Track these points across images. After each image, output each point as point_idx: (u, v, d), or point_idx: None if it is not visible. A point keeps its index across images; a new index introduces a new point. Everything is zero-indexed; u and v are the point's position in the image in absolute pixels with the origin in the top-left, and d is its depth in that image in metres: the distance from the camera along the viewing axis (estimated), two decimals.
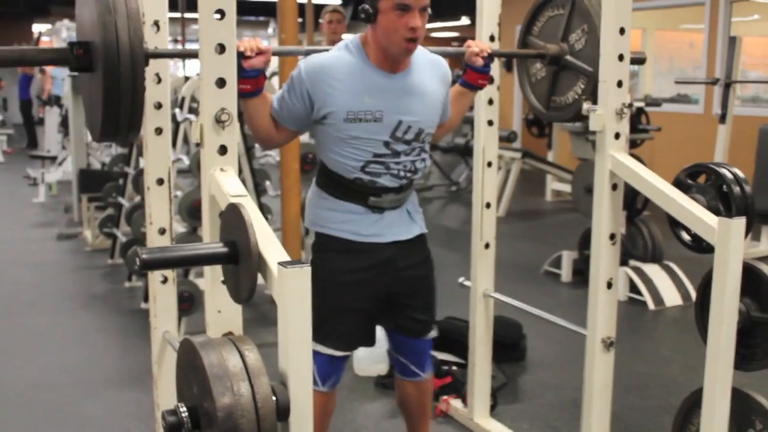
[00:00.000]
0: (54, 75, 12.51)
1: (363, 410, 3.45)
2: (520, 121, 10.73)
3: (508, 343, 3.93)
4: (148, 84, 2.41)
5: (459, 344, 3.59)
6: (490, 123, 3.07)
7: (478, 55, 2.57)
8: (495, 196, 3.14)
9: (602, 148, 2.49)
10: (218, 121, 1.88)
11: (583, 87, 2.76)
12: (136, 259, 1.56)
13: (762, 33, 9.85)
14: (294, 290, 1.43)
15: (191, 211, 4.39)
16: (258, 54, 2.16)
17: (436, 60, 2.53)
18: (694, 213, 2.23)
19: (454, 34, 23.54)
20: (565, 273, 5.58)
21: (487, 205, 3.10)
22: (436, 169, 10.03)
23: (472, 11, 3.02)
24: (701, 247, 2.46)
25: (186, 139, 5.52)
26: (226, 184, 1.83)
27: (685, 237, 2.54)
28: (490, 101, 3.04)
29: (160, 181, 2.45)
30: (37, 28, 19.24)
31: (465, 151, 8.88)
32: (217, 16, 1.84)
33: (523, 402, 3.57)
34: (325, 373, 2.46)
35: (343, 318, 2.45)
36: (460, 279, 3.27)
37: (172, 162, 3.22)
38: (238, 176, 1.91)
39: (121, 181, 5.91)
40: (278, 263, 1.44)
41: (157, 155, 2.44)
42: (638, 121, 7.18)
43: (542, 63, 2.89)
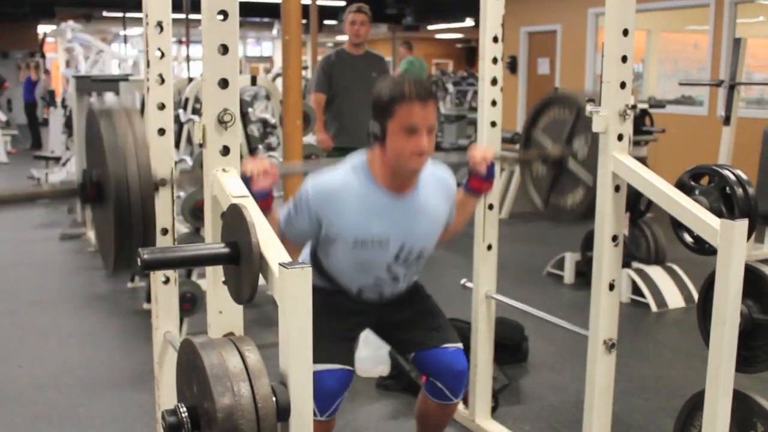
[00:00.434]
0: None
1: (364, 411, 3.45)
2: (524, 123, 10.72)
3: (510, 344, 3.93)
4: (151, 85, 2.42)
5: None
6: (494, 124, 3.07)
7: (482, 163, 2.62)
8: (498, 198, 3.14)
9: (605, 149, 2.48)
10: (221, 121, 1.88)
11: (582, 195, 2.82)
12: (138, 260, 1.56)
13: (767, 35, 9.83)
14: (295, 291, 1.43)
15: (194, 211, 4.39)
16: (264, 175, 2.20)
17: (442, 177, 2.58)
18: (696, 215, 2.22)
19: (458, 35, 23.55)
20: (568, 275, 5.57)
21: (490, 207, 3.11)
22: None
23: (476, 12, 3.02)
24: (704, 249, 2.46)
25: (189, 140, 5.53)
26: (228, 184, 1.83)
27: (688, 239, 2.54)
28: (494, 102, 3.03)
29: (163, 182, 2.45)
30: (43, 29, 19.32)
31: None
32: (220, 17, 1.84)
33: (524, 404, 3.57)
34: (323, 398, 2.41)
35: (330, 341, 2.46)
36: (462, 280, 3.27)
37: (175, 162, 3.23)
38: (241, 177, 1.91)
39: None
40: (279, 264, 1.44)
41: (159, 156, 2.44)
42: (642, 122, 7.17)
43: (544, 164, 2.93)
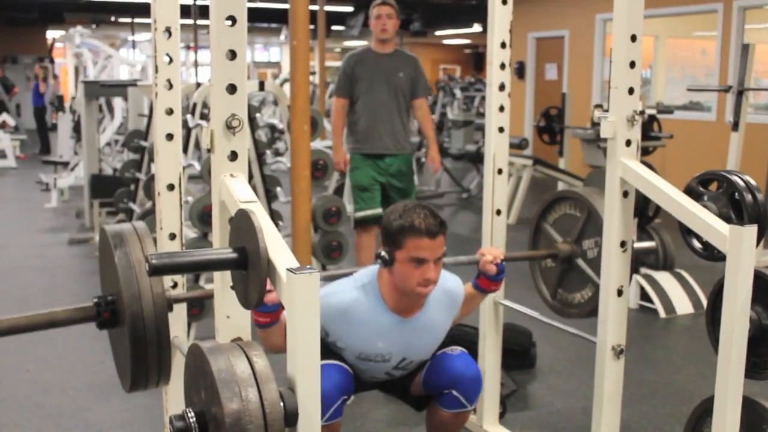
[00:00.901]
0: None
1: (371, 417, 3.44)
2: (532, 128, 10.73)
3: (518, 350, 3.92)
4: (160, 90, 2.43)
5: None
6: (501, 130, 3.06)
7: (491, 263, 2.66)
8: (506, 203, 3.14)
9: (613, 155, 2.48)
10: (229, 126, 1.88)
11: (590, 295, 2.86)
12: (146, 264, 1.56)
13: None
14: (303, 296, 1.43)
15: (202, 216, 4.40)
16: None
17: (450, 293, 2.61)
18: (705, 221, 2.21)
19: (466, 41, 23.57)
20: None
21: (498, 212, 3.10)
22: (447, 176, 10.02)
23: (484, 18, 3.02)
24: (713, 255, 2.45)
25: (197, 145, 5.54)
26: (236, 189, 1.83)
27: (697, 245, 2.53)
28: (501, 108, 3.03)
29: (171, 187, 2.46)
30: (51, 34, 19.41)
31: (476, 158, 8.88)
32: (229, 22, 1.84)
33: (532, 409, 3.56)
34: (322, 396, 2.40)
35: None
36: None
37: (183, 168, 3.24)
38: (249, 182, 1.91)
39: (132, 187, 5.93)
40: (287, 269, 1.44)
41: (168, 161, 2.45)
42: (650, 128, 7.16)
43: (554, 261, 2.96)
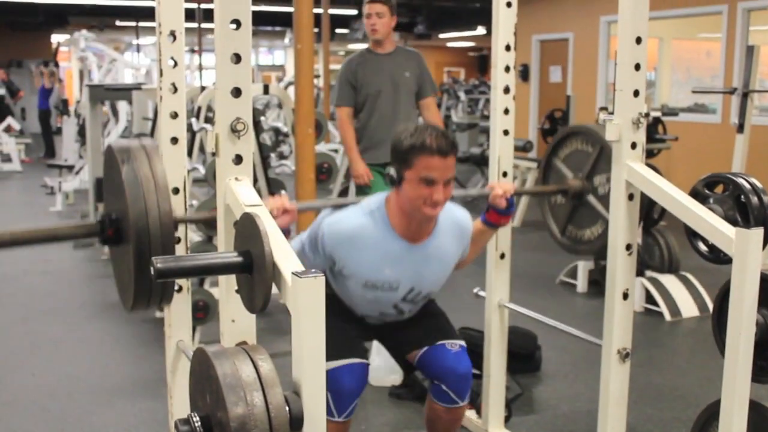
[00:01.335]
0: None
1: (376, 420, 3.44)
2: (536, 131, 10.72)
3: (523, 353, 3.91)
4: (164, 94, 2.43)
5: (474, 354, 3.56)
6: (506, 132, 3.06)
7: (502, 197, 2.65)
8: None
9: (619, 157, 2.47)
10: (233, 130, 1.88)
11: (600, 231, 2.84)
12: (151, 268, 1.56)
13: None
14: (308, 300, 1.42)
15: (206, 220, 4.40)
16: (284, 213, 2.21)
17: (459, 221, 2.59)
18: (711, 223, 2.21)
19: (470, 43, 23.57)
20: (581, 283, 5.55)
21: None
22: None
23: (488, 21, 3.02)
24: (719, 257, 2.44)
25: (202, 149, 5.54)
26: (241, 193, 1.83)
27: (703, 248, 2.53)
28: (506, 111, 3.03)
29: (176, 190, 2.45)
30: (56, 38, 19.46)
31: (480, 161, 8.87)
32: (233, 26, 1.84)
33: (537, 413, 3.55)
34: (340, 396, 2.42)
35: (341, 338, 2.50)
36: (475, 289, 3.26)
37: (188, 171, 3.24)
38: (254, 185, 1.91)
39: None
40: (292, 273, 1.44)
41: (172, 164, 2.44)
42: (655, 130, 7.15)
43: (564, 197, 2.93)
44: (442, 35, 20.39)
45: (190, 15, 2.75)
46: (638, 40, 2.41)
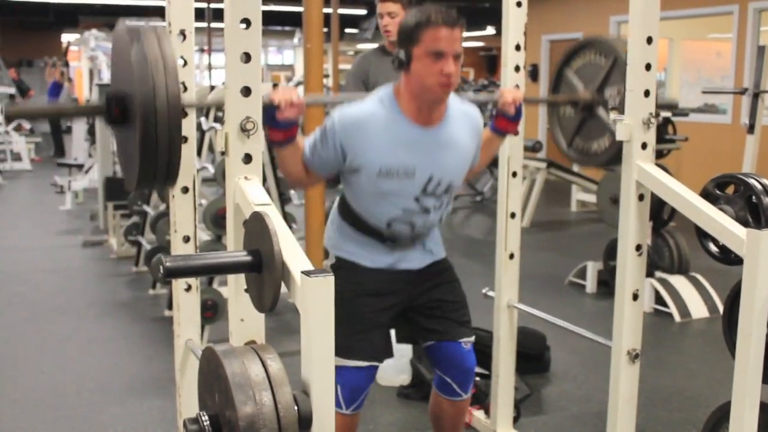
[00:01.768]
0: None
1: (384, 420, 3.43)
2: (546, 131, 10.69)
3: (532, 354, 3.91)
4: None
5: (482, 355, 3.56)
6: (516, 133, 3.05)
7: (511, 104, 2.60)
8: (520, 206, 3.12)
9: (629, 158, 2.46)
10: (243, 129, 1.88)
11: (607, 144, 2.81)
12: (161, 267, 1.56)
13: None
14: (317, 299, 1.42)
15: (216, 219, 4.41)
16: (291, 106, 2.17)
17: (470, 112, 2.54)
18: (722, 224, 2.20)
19: (479, 43, 23.54)
20: (590, 284, 5.54)
21: (512, 215, 3.09)
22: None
23: (497, 21, 3.01)
24: (729, 258, 2.43)
25: (211, 148, 5.55)
26: (250, 192, 1.83)
27: (713, 248, 2.51)
28: None
29: (185, 190, 2.45)
30: (66, 38, 19.52)
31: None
32: (243, 25, 1.84)
33: (546, 414, 3.54)
34: (350, 392, 2.42)
35: (364, 331, 2.46)
36: (484, 289, 3.25)
37: (197, 170, 3.24)
38: (263, 185, 1.91)
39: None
40: (302, 272, 1.44)
41: (182, 164, 2.44)
42: (665, 131, 7.12)
43: (573, 108, 2.90)
44: None
45: (199, 14, 2.75)
46: (649, 39, 2.40)
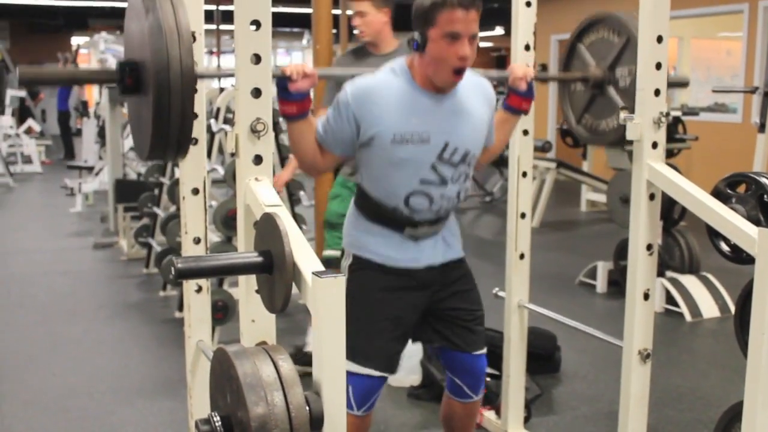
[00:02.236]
0: None
1: (395, 421, 3.43)
2: (555, 131, 10.68)
3: (543, 354, 3.90)
4: None
5: (493, 355, 3.55)
6: (525, 133, 3.05)
7: (522, 79, 2.57)
8: (530, 207, 3.12)
9: (639, 157, 2.46)
10: (253, 130, 1.88)
11: (616, 125, 2.77)
12: (171, 269, 1.56)
13: None
14: (328, 300, 1.42)
15: (226, 220, 4.42)
16: (304, 77, 2.15)
17: (481, 82, 2.52)
18: (733, 223, 2.19)
19: (489, 44, 23.50)
20: (601, 284, 5.53)
21: (522, 216, 3.08)
22: (471, 180, 9.98)
23: (507, 21, 3.01)
24: (741, 257, 2.42)
25: (221, 150, 5.57)
26: (261, 193, 1.83)
27: (724, 247, 2.50)
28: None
29: (196, 191, 2.46)
30: (76, 40, 19.58)
31: (500, 161, 8.82)
32: (253, 27, 1.85)
33: (557, 414, 3.54)
34: (361, 395, 2.41)
35: (380, 336, 2.44)
36: (495, 289, 3.25)
37: (207, 172, 3.25)
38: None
39: (156, 191, 5.97)
40: (313, 273, 1.44)
41: (192, 165, 2.45)
42: (675, 130, 7.11)
43: (584, 85, 2.88)
44: None
45: (209, 16, 2.75)
46: (659, 38, 2.40)
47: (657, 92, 2.42)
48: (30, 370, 4.09)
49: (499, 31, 17.07)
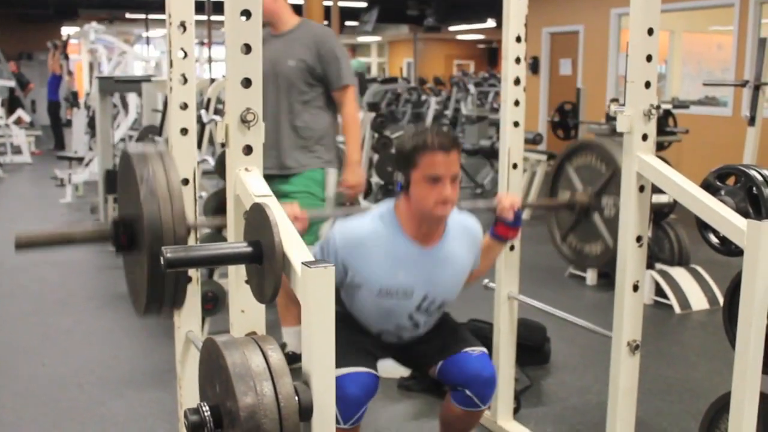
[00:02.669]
0: None
1: (385, 412, 3.44)
2: (546, 123, 10.69)
3: (533, 345, 3.91)
4: (174, 85, 2.43)
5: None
6: (516, 124, 3.05)
7: (509, 210, 2.63)
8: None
9: (629, 149, 2.46)
10: (244, 120, 1.88)
11: (599, 252, 2.84)
12: (161, 258, 1.56)
13: None
14: (318, 290, 1.42)
15: (216, 211, 4.41)
16: (294, 220, 2.18)
17: (469, 227, 2.60)
18: (722, 215, 2.20)
19: (480, 36, 23.51)
20: (590, 276, 5.54)
21: None
22: (461, 172, 9.99)
23: (497, 13, 3.01)
24: (730, 250, 2.43)
25: (211, 140, 5.55)
26: (251, 183, 1.83)
27: (714, 240, 2.52)
28: (516, 102, 3.02)
29: (186, 182, 2.45)
30: (66, 30, 19.51)
31: (490, 153, 8.86)
32: (243, 17, 1.84)
33: (546, 405, 3.55)
34: (345, 404, 2.38)
35: (357, 343, 2.53)
36: (485, 281, 3.26)
37: (198, 163, 3.24)
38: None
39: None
40: (302, 263, 1.44)
41: (182, 156, 2.44)
42: (665, 123, 7.11)
43: (570, 210, 2.93)
44: (452, 28, 20.35)
45: (199, 7, 2.74)
46: (650, 31, 2.40)
47: (647, 84, 2.43)
48: (20, 361, 4.08)
49: (491, 23, 17.06)
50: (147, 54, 14.10)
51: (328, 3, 10.33)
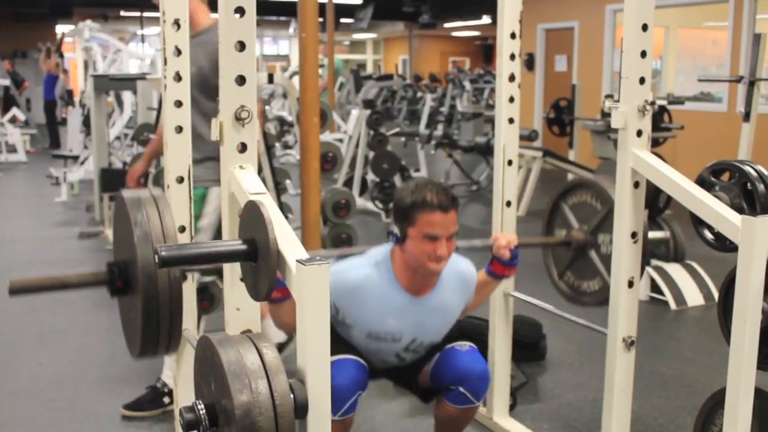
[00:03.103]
0: None
1: (381, 409, 3.44)
2: (541, 120, 10.70)
3: (528, 342, 3.91)
4: (168, 82, 2.43)
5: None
6: (511, 121, 3.05)
7: (505, 248, 2.65)
8: (515, 195, 3.12)
9: (624, 145, 2.46)
10: (238, 118, 1.88)
11: (597, 288, 2.85)
12: (156, 256, 1.56)
13: None
14: (313, 287, 1.42)
15: None
16: None
17: (463, 274, 2.60)
18: (717, 211, 2.20)
19: (475, 33, 23.50)
20: None
21: (508, 204, 3.09)
22: (456, 169, 10.00)
23: (492, 10, 3.01)
24: (724, 245, 2.44)
25: None
26: (245, 181, 1.83)
27: (708, 236, 2.52)
28: (511, 99, 3.02)
29: (180, 179, 2.46)
30: (61, 28, 19.45)
31: (486, 150, 8.86)
32: (237, 14, 1.84)
33: (542, 402, 3.55)
34: (334, 391, 2.38)
35: (348, 343, 2.56)
36: None
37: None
38: (258, 174, 1.91)
39: (142, 180, 5.93)
40: (297, 260, 1.44)
41: (177, 153, 2.44)
42: (660, 119, 7.13)
43: (566, 247, 2.94)
44: (447, 25, 20.34)
45: None
46: (644, 27, 2.40)
47: (642, 80, 2.43)
48: (17, 360, 4.08)
49: (486, 20, 17.06)
50: (142, 52, 14.06)
51: (323, 0, 10.32)
